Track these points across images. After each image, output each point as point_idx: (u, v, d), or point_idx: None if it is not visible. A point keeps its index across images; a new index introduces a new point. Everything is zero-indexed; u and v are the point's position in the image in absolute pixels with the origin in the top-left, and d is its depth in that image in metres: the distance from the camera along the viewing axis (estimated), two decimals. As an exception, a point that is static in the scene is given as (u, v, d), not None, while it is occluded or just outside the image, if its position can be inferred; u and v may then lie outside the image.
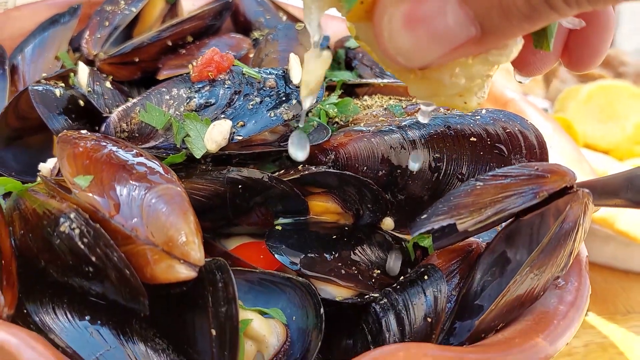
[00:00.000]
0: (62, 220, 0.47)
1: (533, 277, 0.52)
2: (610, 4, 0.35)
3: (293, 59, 0.65)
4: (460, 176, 0.61)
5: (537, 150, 0.61)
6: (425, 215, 0.53)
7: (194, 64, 0.64)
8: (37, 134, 0.68)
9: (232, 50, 0.80)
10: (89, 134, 0.54)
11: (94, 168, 0.50)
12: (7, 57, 0.74)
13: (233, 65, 0.65)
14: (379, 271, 0.60)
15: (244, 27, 0.92)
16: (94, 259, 0.46)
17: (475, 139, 0.61)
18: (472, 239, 0.61)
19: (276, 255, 0.57)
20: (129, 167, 0.50)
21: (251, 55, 0.78)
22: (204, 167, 0.62)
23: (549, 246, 0.51)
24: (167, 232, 0.47)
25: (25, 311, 0.49)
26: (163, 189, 0.49)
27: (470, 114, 0.63)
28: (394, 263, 0.61)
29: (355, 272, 0.59)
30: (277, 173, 0.63)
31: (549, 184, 0.52)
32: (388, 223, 0.63)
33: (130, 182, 0.49)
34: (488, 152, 0.61)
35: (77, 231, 0.46)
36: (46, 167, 0.59)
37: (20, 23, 0.85)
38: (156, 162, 0.52)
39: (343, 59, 0.89)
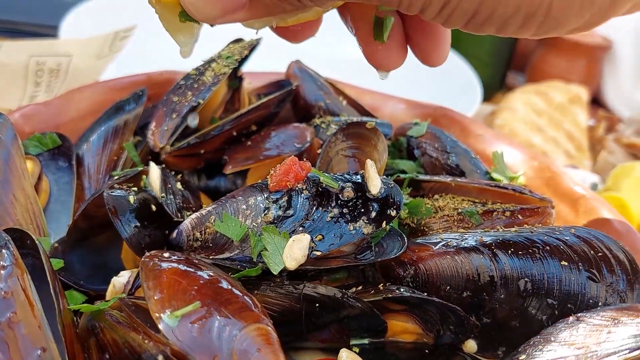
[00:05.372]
0: (149, 363, 0.44)
1: None
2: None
3: (370, 166, 0.63)
4: (551, 302, 0.57)
5: (630, 277, 0.58)
6: (524, 356, 0.50)
7: (272, 171, 0.62)
8: (102, 233, 0.66)
9: (297, 142, 0.78)
10: (173, 257, 0.52)
11: (180, 301, 0.47)
12: (74, 151, 0.73)
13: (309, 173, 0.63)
14: (462, 400, 0.57)
15: (303, 110, 0.90)
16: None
17: (566, 263, 0.58)
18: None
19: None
20: (219, 301, 0.48)
21: (318, 151, 0.76)
22: (278, 280, 0.59)
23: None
24: (259, 379, 0.44)
25: None
26: (254, 329, 0.46)
27: (558, 233, 0.60)
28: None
29: (439, 401, 0.56)
30: (353, 289, 0.60)
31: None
32: (471, 345, 0.60)
33: (220, 319, 0.46)
34: (581, 277, 0.58)
35: (165, 376, 0.43)
36: (120, 281, 0.57)
37: (81, 104, 0.84)
38: (247, 296, 0.49)
39: (405, 147, 0.87)
